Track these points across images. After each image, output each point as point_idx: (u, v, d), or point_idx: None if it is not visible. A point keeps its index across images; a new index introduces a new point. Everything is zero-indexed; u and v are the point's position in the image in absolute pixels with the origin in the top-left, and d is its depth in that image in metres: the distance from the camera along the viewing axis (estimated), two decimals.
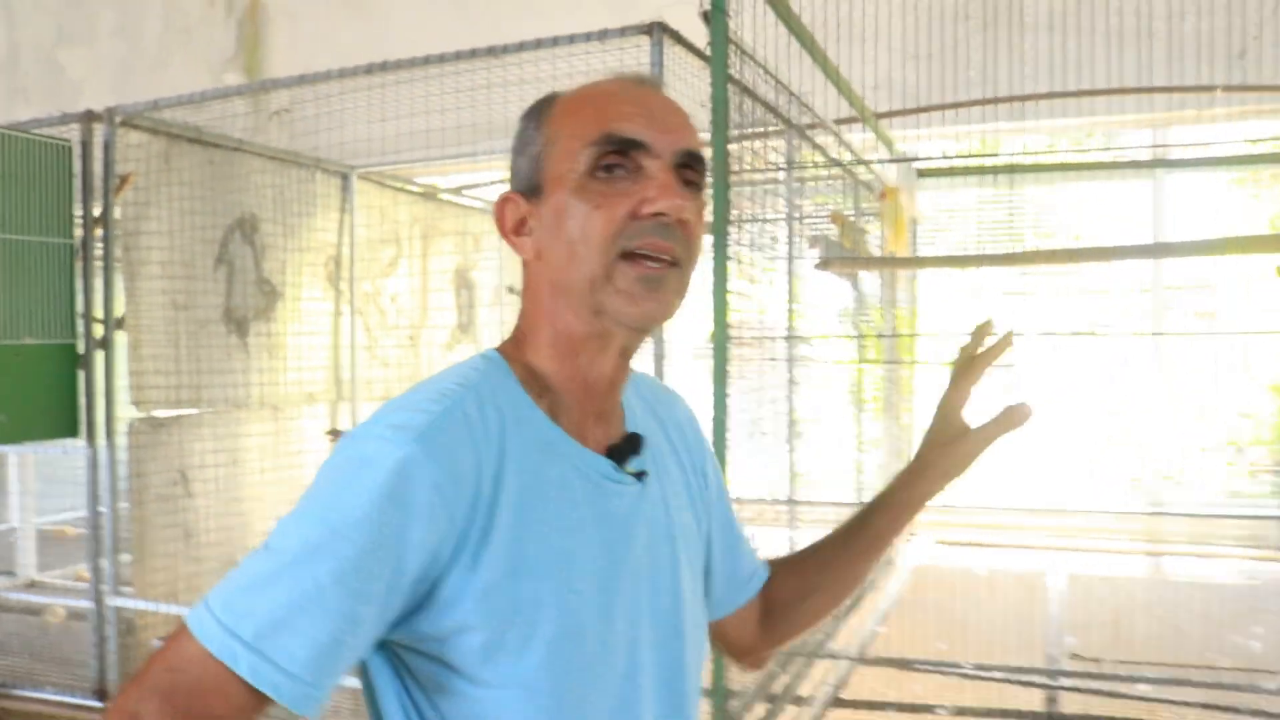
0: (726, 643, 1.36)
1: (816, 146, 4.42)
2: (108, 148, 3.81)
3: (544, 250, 1.07)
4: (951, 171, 5.88)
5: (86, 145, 3.82)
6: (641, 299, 1.03)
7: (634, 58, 2.96)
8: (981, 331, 1.29)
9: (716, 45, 2.85)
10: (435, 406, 0.99)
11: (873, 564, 1.31)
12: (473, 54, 3.22)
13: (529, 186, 1.08)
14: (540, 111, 1.10)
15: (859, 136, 4.93)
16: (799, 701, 3.89)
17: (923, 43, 4.30)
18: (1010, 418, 1.23)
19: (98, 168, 3.84)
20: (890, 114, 5.04)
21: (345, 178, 4.87)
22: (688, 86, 3.10)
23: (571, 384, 1.09)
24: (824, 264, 4.19)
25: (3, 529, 5.94)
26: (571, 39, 3.08)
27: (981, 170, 5.69)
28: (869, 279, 5.65)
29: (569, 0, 5.00)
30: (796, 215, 4.20)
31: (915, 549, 6.29)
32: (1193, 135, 6.25)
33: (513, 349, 1.11)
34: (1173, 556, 6.16)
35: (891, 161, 5.33)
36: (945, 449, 1.25)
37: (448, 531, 0.96)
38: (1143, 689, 3.93)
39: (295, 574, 0.92)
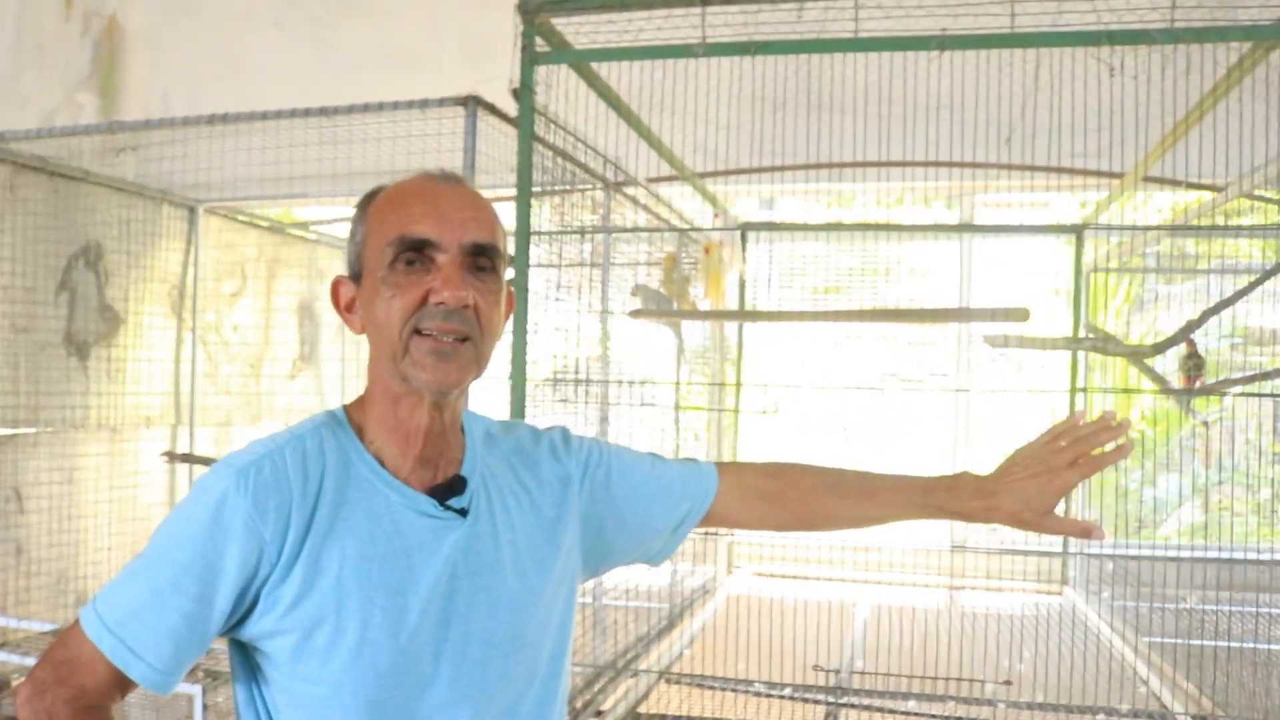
0: (727, 523, 1.52)
1: (636, 203, 4.82)
2: None
3: (366, 326, 1.29)
4: (774, 227, 6.36)
5: None
6: (432, 369, 1.23)
7: (451, 125, 3.30)
8: (1103, 423, 1.37)
9: (524, 117, 3.21)
10: (261, 449, 1.24)
11: (866, 513, 1.49)
12: (306, 113, 3.52)
13: (354, 272, 1.31)
14: (363, 206, 1.32)
15: (679, 190, 5.34)
16: (599, 715, 4.21)
17: (730, 117, 4.74)
18: (1077, 528, 1.38)
19: None
20: (709, 174, 5.49)
21: (192, 210, 5.08)
22: (501, 150, 3.45)
23: (395, 434, 1.29)
24: (636, 314, 4.56)
25: None
26: (395, 105, 3.41)
27: (797, 227, 6.18)
28: (695, 329, 6.07)
29: (420, 65, 5.32)
30: (611, 263, 4.57)
31: (733, 579, 6.70)
32: (996, 212, 6.92)
33: (355, 405, 1.34)
34: (970, 590, 6.69)
35: (711, 229, 5.77)
36: (990, 492, 1.40)
37: (260, 551, 1.19)
38: (910, 705, 4.37)
39: (147, 575, 1.21)
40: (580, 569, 1.45)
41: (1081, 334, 5.99)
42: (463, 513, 1.30)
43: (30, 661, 3.46)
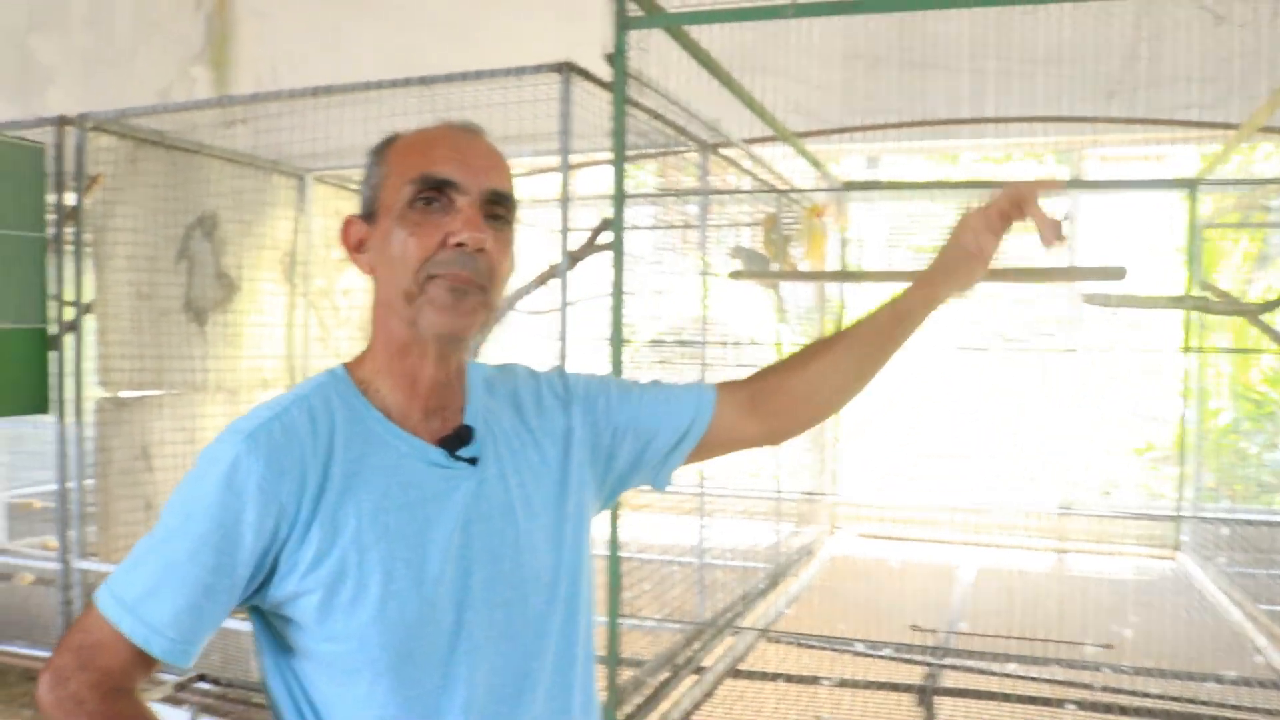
0: (736, 440, 1.49)
1: (730, 162, 4.81)
2: (79, 150, 4.17)
3: (375, 267, 1.28)
4: (876, 186, 6.28)
5: (59, 148, 4.18)
6: (446, 310, 1.22)
7: (546, 92, 3.34)
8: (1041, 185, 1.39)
9: (617, 81, 3.23)
10: (266, 413, 1.22)
11: (882, 347, 1.46)
12: (407, 82, 3.60)
13: (367, 212, 1.29)
14: (381, 149, 1.30)
15: (779, 152, 5.31)
16: (699, 671, 4.28)
17: (827, 76, 4.69)
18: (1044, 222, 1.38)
19: (69, 167, 4.20)
20: (807, 134, 5.44)
21: (301, 179, 5.23)
22: (595, 115, 3.48)
23: (401, 384, 1.29)
24: (736, 275, 4.57)
25: None
26: (493, 73, 3.46)
27: (901, 186, 6.08)
28: (797, 291, 6.05)
29: (516, 35, 5.38)
30: (708, 225, 4.58)
31: (836, 540, 6.70)
32: (1106, 168, 6.71)
33: (355, 362, 1.32)
34: (1077, 553, 6.58)
35: (808, 190, 5.73)
36: (957, 259, 1.44)
37: (278, 513, 1.18)
38: (1012, 668, 4.34)
39: (162, 551, 1.19)
40: (594, 499, 1.45)
41: (1197, 293, 5.79)
42: (472, 462, 1.29)
43: None
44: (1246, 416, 7.25)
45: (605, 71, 3.46)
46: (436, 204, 1.23)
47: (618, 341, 3.31)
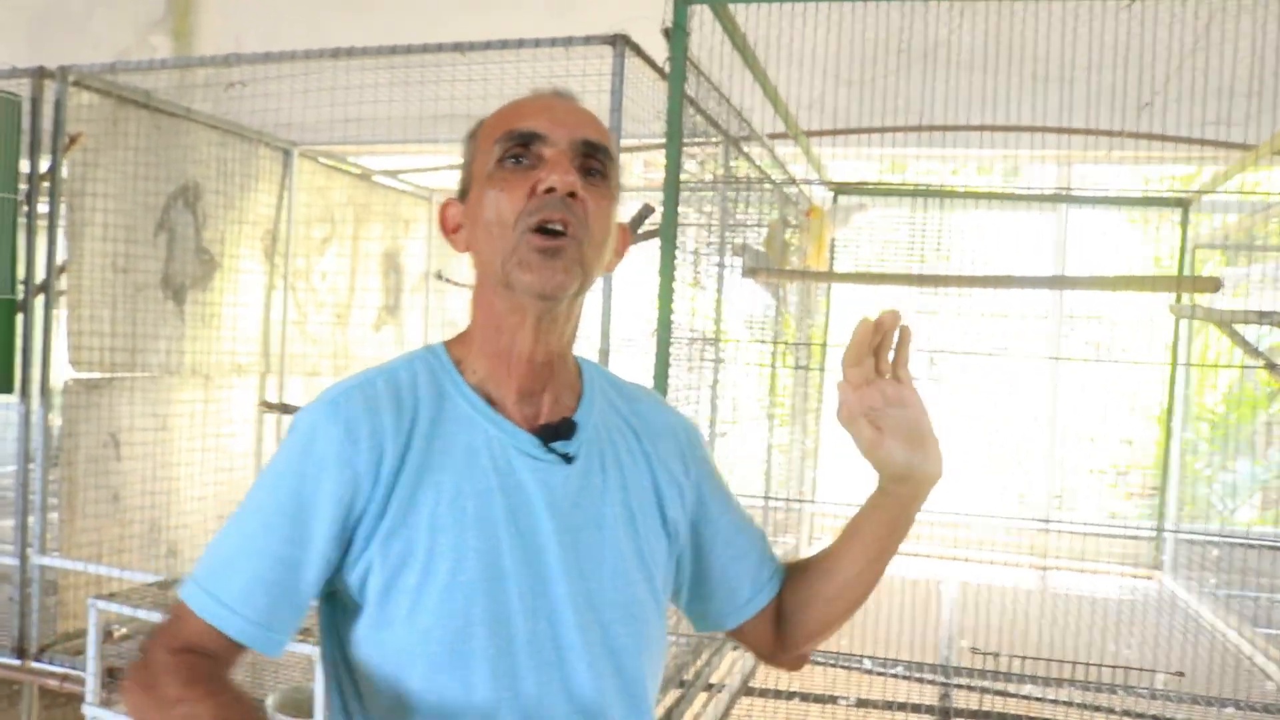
0: (750, 645, 1.43)
1: (749, 159, 4.61)
2: (59, 106, 3.81)
3: (470, 240, 1.23)
4: (862, 190, 6.13)
5: (36, 102, 3.81)
6: (538, 268, 1.15)
7: (596, 67, 3.10)
8: (877, 326, 1.21)
9: (675, 60, 3.00)
10: (350, 383, 1.19)
11: (872, 569, 1.33)
12: (439, 48, 3.32)
13: (462, 191, 1.26)
14: (474, 129, 1.27)
15: (788, 151, 5.13)
16: (709, 689, 4.06)
17: (855, 69, 4.50)
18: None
19: (47, 124, 3.84)
20: (817, 133, 5.26)
21: (287, 154, 4.91)
22: (641, 96, 3.25)
23: (497, 362, 1.22)
24: (750, 272, 4.37)
25: None
26: (537, 43, 3.20)
27: (890, 191, 5.94)
28: (790, 291, 5.86)
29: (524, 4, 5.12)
30: (730, 223, 4.38)
31: (813, 551, 6.53)
32: (1096, 175, 6.63)
33: (456, 339, 1.27)
34: (1058, 571, 6.50)
35: (814, 183, 5.56)
36: (890, 464, 1.25)
37: (355, 484, 1.12)
38: (1029, 689, 4.19)
39: (239, 525, 1.15)
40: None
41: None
42: (567, 458, 1.21)
43: (129, 611, 3.34)
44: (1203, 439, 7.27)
45: (653, 49, 3.25)
46: (525, 160, 1.18)
47: (665, 335, 3.08)
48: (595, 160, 1.20)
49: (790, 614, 1.38)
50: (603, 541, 1.21)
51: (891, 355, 1.22)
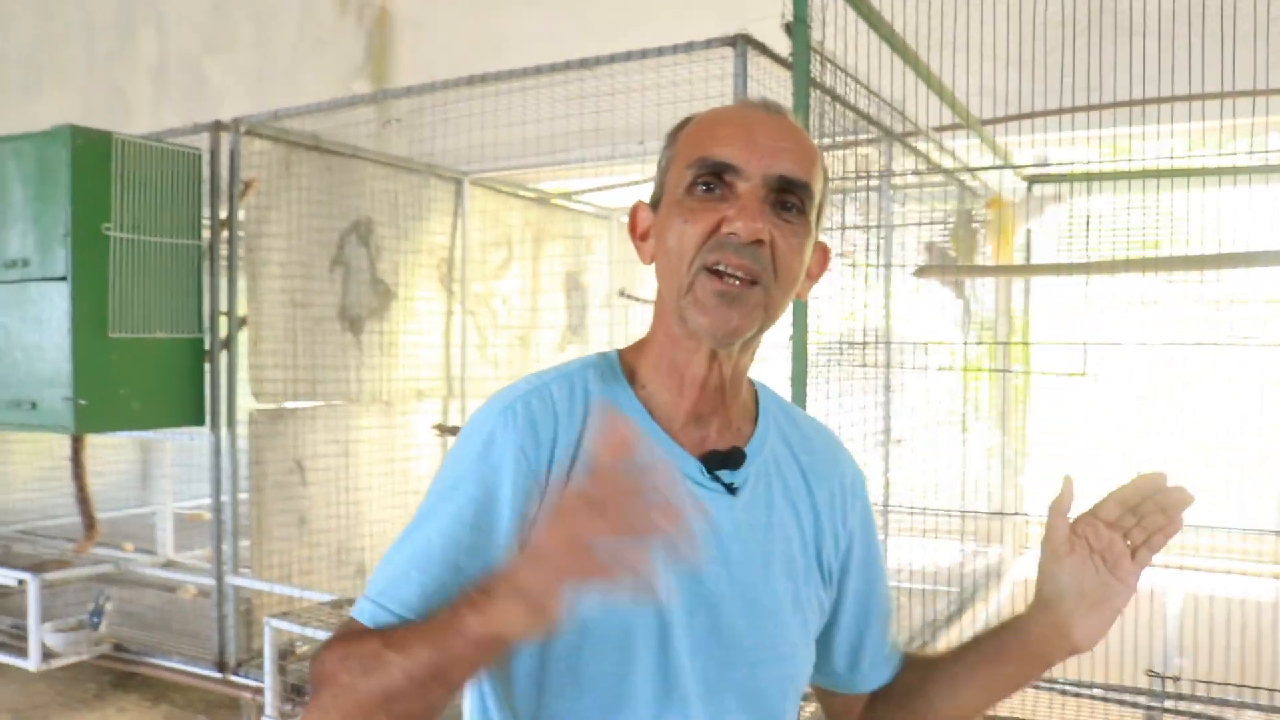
0: (827, 709, 1.38)
1: (917, 153, 4.41)
2: (233, 155, 4.06)
3: (655, 256, 1.18)
4: (1061, 179, 5.74)
5: (214, 153, 4.09)
6: (713, 311, 1.10)
7: (719, 69, 3.03)
8: (1068, 489, 1.18)
9: (798, 54, 2.89)
10: (526, 386, 1.16)
11: (993, 692, 1.27)
12: (566, 66, 3.35)
13: (655, 198, 1.20)
14: (674, 132, 1.21)
15: (961, 144, 4.88)
16: None
17: (1025, 49, 4.22)
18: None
19: (224, 173, 4.10)
20: (1001, 119, 4.96)
21: (458, 183, 5.06)
22: (774, 96, 3.15)
23: (669, 380, 1.18)
24: (921, 271, 4.17)
25: (146, 511, 6.30)
26: (660, 51, 3.17)
27: (1089, 177, 5.53)
28: (982, 289, 5.58)
29: (682, 11, 5.08)
30: (895, 223, 4.20)
31: (1023, 561, 6.17)
32: None
33: (632, 348, 1.23)
34: None
35: (998, 168, 5.25)
36: (1056, 623, 1.19)
37: (532, 490, 1.09)
38: (1250, 716, 3.80)
39: (414, 535, 1.11)
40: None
41: None
42: (731, 489, 1.16)
43: (310, 632, 3.49)
44: None
45: (780, 47, 3.14)
46: (716, 190, 1.12)
47: (801, 341, 2.97)
48: (792, 196, 1.12)
49: (892, 700, 1.33)
50: (761, 580, 1.17)
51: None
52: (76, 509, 4.79)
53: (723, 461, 1.17)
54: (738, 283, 1.09)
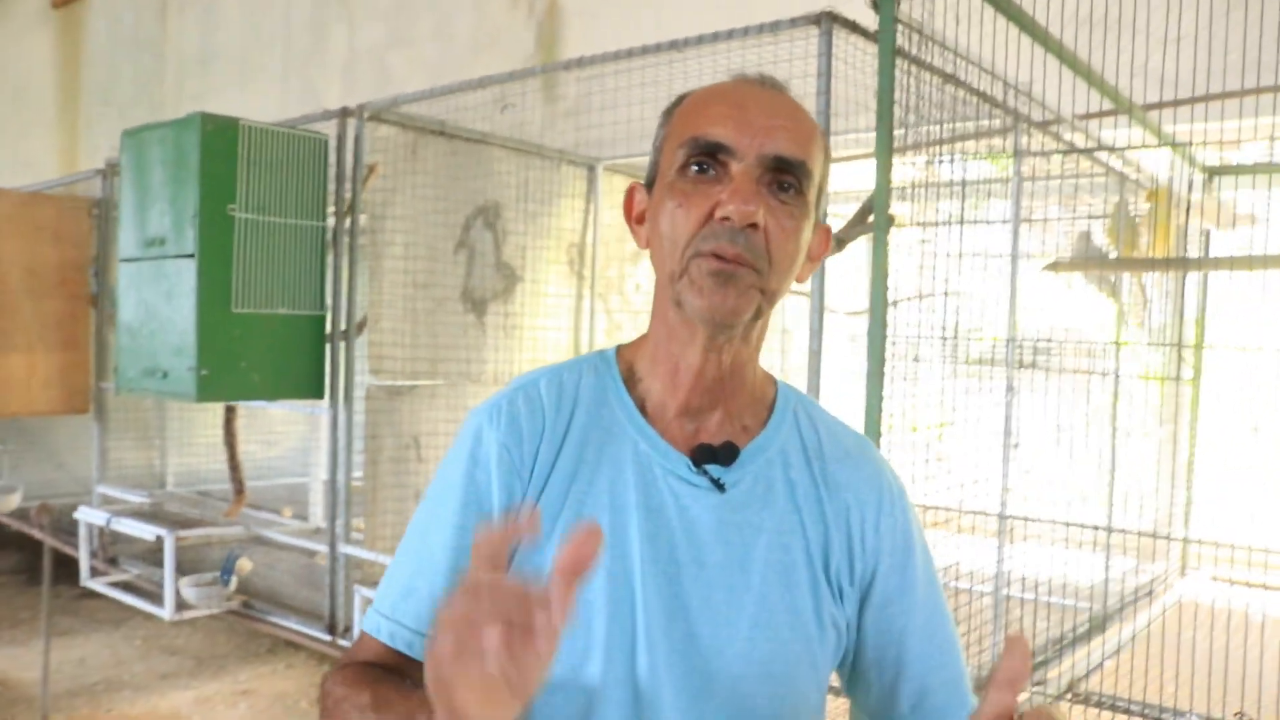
0: None
1: (1062, 141, 4.15)
2: (358, 140, 4.21)
3: (650, 240, 1.14)
4: (1249, 170, 5.27)
5: (340, 138, 4.24)
6: (710, 292, 1.06)
7: (803, 49, 2.93)
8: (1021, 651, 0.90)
9: (883, 27, 2.75)
10: (516, 384, 1.17)
11: None
12: (658, 48, 3.31)
13: (649, 179, 1.17)
14: (668, 110, 1.17)
15: (1108, 133, 4.55)
16: None
17: (1185, 25, 3.90)
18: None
19: (349, 158, 4.25)
20: (1170, 104, 4.60)
21: (591, 169, 5.09)
22: (865, 75, 3.03)
23: (664, 371, 1.15)
24: (1053, 267, 3.93)
25: (304, 481, 6.63)
26: (745, 31, 3.09)
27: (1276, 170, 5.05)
28: (1152, 288, 5.21)
29: None
30: (1025, 216, 3.97)
31: (1186, 583, 5.74)
32: None
33: (631, 344, 1.21)
34: None
35: (1147, 148, 4.88)
36: None
37: (515, 488, 1.10)
38: None
39: (414, 547, 1.14)
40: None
41: None
42: (719, 485, 1.11)
43: None
44: None
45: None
46: (710, 171, 1.08)
47: (876, 340, 2.84)
48: (788, 176, 1.08)
49: None
50: (743, 586, 1.10)
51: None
52: (228, 475, 5.08)
53: (712, 456, 1.12)
54: (730, 264, 1.06)
